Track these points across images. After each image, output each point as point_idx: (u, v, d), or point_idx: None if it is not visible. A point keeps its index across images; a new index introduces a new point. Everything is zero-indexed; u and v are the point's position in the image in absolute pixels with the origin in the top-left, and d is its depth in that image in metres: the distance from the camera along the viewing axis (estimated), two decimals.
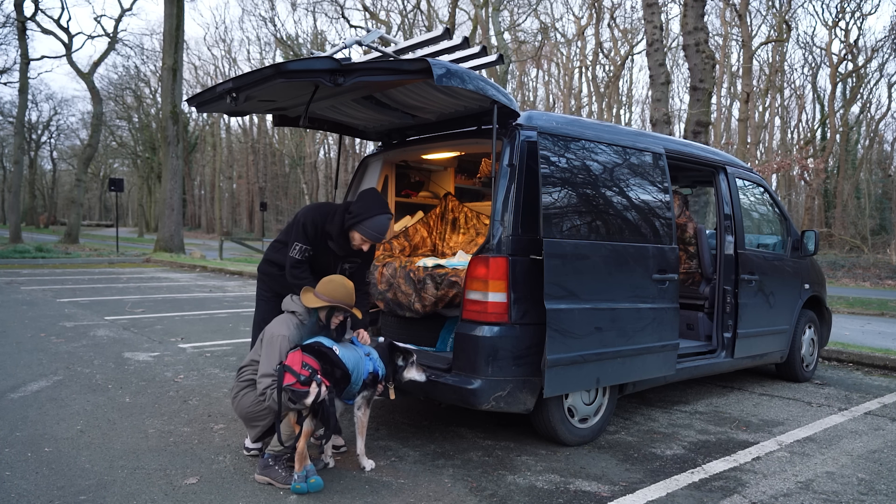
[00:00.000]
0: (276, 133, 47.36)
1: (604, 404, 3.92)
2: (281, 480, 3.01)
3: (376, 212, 3.32)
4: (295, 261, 3.39)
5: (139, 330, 7.21)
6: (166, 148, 19.86)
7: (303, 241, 3.39)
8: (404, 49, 4.04)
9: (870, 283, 18.27)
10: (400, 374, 3.37)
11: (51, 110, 52.41)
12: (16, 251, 17.39)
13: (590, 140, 3.78)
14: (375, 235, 3.35)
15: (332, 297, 3.17)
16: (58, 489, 2.91)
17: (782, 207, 5.66)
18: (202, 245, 29.27)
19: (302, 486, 2.95)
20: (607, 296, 3.69)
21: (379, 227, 3.34)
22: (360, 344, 3.33)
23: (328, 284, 3.20)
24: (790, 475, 3.40)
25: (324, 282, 3.22)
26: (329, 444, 3.29)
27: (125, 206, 69.59)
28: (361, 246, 3.41)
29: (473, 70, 3.45)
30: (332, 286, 3.20)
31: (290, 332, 3.15)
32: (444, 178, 5.39)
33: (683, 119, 29.26)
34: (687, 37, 11.48)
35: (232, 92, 3.20)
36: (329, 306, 3.20)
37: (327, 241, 3.45)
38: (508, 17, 29.53)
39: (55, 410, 4.12)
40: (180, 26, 19.81)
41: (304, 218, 3.42)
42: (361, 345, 3.33)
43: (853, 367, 6.51)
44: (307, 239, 3.39)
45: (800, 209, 34.24)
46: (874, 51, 30.32)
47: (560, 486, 3.14)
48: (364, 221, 3.30)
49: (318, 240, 3.44)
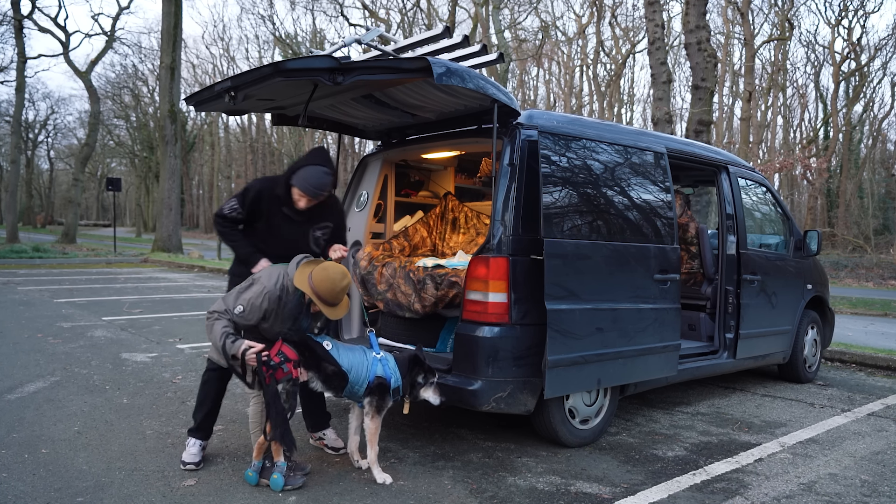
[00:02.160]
0: (275, 132, 47.29)
1: (605, 405, 3.90)
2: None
3: (310, 162, 3.23)
4: (220, 214, 3.35)
5: (137, 330, 7.19)
6: (164, 147, 19.81)
7: (237, 202, 3.33)
8: (404, 47, 4.02)
9: (873, 283, 18.19)
10: (416, 391, 3.27)
11: (48, 109, 52.38)
12: (13, 251, 17.34)
13: (591, 139, 3.76)
14: (308, 188, 3.19)
15: (317, 289, 2.99)
16: (55, 491, 2.90)
17: (785, 207, 5.63)
18: (200, 245, 29.23)
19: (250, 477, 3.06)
20: (608, 296, 3.67)
21: (310, 179, 3.19)
22: (376, 346, 3.27)
23: (322, 273, 3.02)
24: (793, 477, 3.38)
25: (321, 268, 3.05)
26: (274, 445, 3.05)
27: (123, 206, 69.45)
28: (299, 202, 3.25)
29: (473, 69, 3.42)
30: (324, 276, 2.99)
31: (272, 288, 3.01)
32: (444, 178, 5.37)
33: (685, 118, 29.31)
34: (689, 35, 11.45)
35: (230, 91, 3.18)
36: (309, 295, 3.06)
37: (281, 207, 3.34)
38: (509, 15, 29.47)
39: (52, 411, 4.10)
40: (178, 24, 19.75)
41: (249, 183, 3.42)
42: (376, 348, 3.26)
43: (856, 367, 6.49)
44: (242, 202, 3.32)
45: (802, 209, 34.16)
46: (877, 49, 30.22)
47: (561, 488, 3.13)
48: (296, 172, 3.23)
49: (265, 206, 3.32)
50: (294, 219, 3.36)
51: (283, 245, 3.34)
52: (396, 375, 3.19)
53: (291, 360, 3.00)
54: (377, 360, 3.19)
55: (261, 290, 3.01)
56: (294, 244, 3.32)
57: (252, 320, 3.01)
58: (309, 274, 3.04)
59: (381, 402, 3.17)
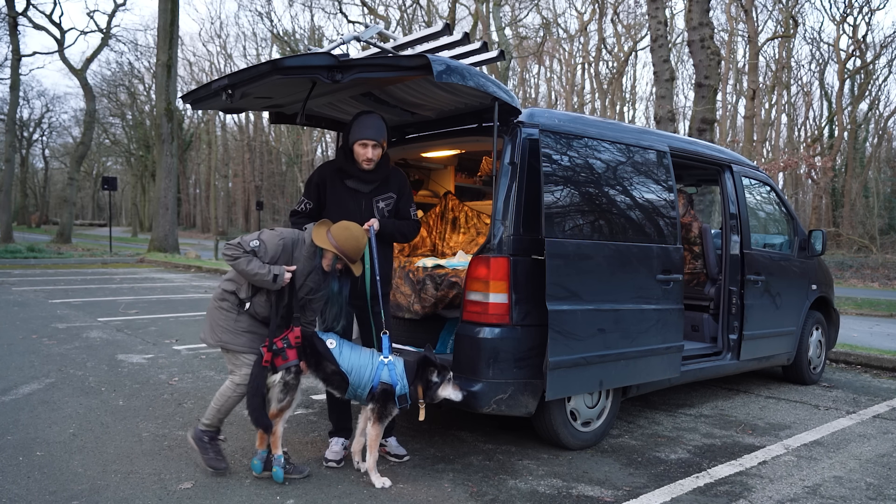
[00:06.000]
0: (273, 130, 47.26)
1: (607, 407, 3.86)
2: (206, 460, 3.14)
3: (358, 116, 3.31)
4: (293, 210, 3.53)
5: (133, 331, 7.15)
6: (160, 146, 19.68)
7: (304, 194, 3.49)
8: (403, 45, 3.98)
9: (878, 283, 18.08)
10: (434, 392, 3.17)
11: (43, 107, 51.98)
12: (7, 251, 17.30)
13: (593, 138, 3.72)
14: (366, 131, 3.24)
15: (340, 244, 3.04)
16: (50, 494, 2.87)
17: (789, 206, 5.59)
18: (197, 245, 29.20)
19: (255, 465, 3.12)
20: (610, 297, 3.63)
21: (369, 123, 3.25)
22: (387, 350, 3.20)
23: (343, 231, 3.06)
24: (797, 480, 3.35)
25: (340, 226, 3.09)
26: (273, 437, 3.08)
27: (119, 206, 69.37)
28: (366, 155, 3.27)
29: (474, 66, 3.39)
30: (346, 234, 3.05)
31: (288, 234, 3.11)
32: (444, 177, 5.33)
33: (688, 116, 29.15)
34: (692, 32, 11.39)
35: (227, 89, 3.16)
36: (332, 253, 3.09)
37: (345, 181, 3.38)
38: (510, 12, 29.43)
39: (47, 413, 4.06)
40: (175, 22, 19.65)
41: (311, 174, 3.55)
42: (386, 351, 3.20)
43: (861, 369, 6.44)
44: (308, 191, 3.46)
45: (807, 208, 34.08)
46: (883, 47, 30.10)
47: (562, 491, 3.10)
48: (352, 128, 3.29)
49: (329, 186, 3.40)
50: (359, 190, 3.39)
51: (351, 219, 3.31)
52: (403, 382, 3.13)
53: (294, 348, 3.02)
54: (384, 364, 3.13)
55: (277, 234, 3.10)
56: (360, 218, 3.33)
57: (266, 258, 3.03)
58: (327, 231, 3.08)
59: (384, 410, 3.11)
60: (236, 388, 3.13)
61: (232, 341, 3.11)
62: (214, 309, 3.16)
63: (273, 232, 3.11)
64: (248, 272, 2.97)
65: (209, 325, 3.16)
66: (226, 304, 3.14)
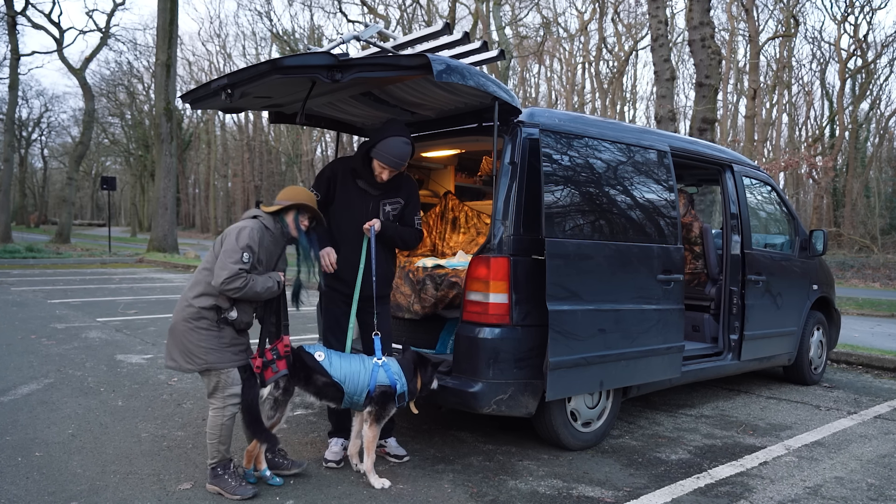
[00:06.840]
0: (272, 130, 47.17)
1: (607, 408, 3.85)
2: (230, 490, 2.91)
3: (389, 134, 3.24)
4: None
5: (132, 332, 7.14)
6: (160, 145, 19.64)
7: (315, 185, 3.46)
8: (403, 44, 3.97)
9: (880, 283, 18.03)
10: (430, 385, 3.24)
11: (41, 107, 51.58)
12: (6, 251, 17.26)
13: (593, 137, 3.71)
14: (390, 159, 3.22)
15: (292, 198, 3.05)
16: (49, 494, 2.86)
17: (790, 206, 5.58)
18: (196, 245, 29.14)
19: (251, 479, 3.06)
20: (611, 297, 3.62)
21: (392, 150, 3.21)
22: (379, 352, 3.19)
23: (288, 190, 3.12)
24: (798, 480, 3.34)
25: (284, 189, 3.16)
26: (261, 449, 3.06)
27: (118, 205, 69.35)
28: (381, 175, 3.30)
29: (474, 66, 3.37)
30: (292, 191, 3.12)
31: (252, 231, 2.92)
32: (444, 177, 5.31)
33: (689, 116, 29.09)
34: (692, 32, 11.37)
35: (227, 88, 3.13)
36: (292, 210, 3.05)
37: (356, 180, 3.40)
38: (510, 11, 29.40)
39: (46, 414, 4.05)
40: (174, 21, 19.61)
41: (324, 167, 3.51)
42: (378, 353, 3.18)
43: (862, 369, 6.43)
44: (319, 182, 3.46)
45: (808, 208, 33.98)
46: (884, 46, 30.00)
47: (563, 492, 3.09)
48: (376, 145, 3.25)
49: (340, 182, 3.40)
50: (368, 192, 3.40)
51: (355, 218, 3.35)
52: (402, 381, 3.12)
53: (283, 358, 2.95)
54: (378, 366, 3.11)
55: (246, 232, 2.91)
56: (364, 217, 3.34)
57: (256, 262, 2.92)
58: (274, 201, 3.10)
59: (382, 411, 3.10)
60: (224, 410, 2.94)
61: (219, 360, 2.90)
62: (190, 331, 2.88)
63: (242, 232, 2.91)
64: (260, 294, 2.90)
65: (183, 350, 2.89)
66: (204, 322, 2.88)
